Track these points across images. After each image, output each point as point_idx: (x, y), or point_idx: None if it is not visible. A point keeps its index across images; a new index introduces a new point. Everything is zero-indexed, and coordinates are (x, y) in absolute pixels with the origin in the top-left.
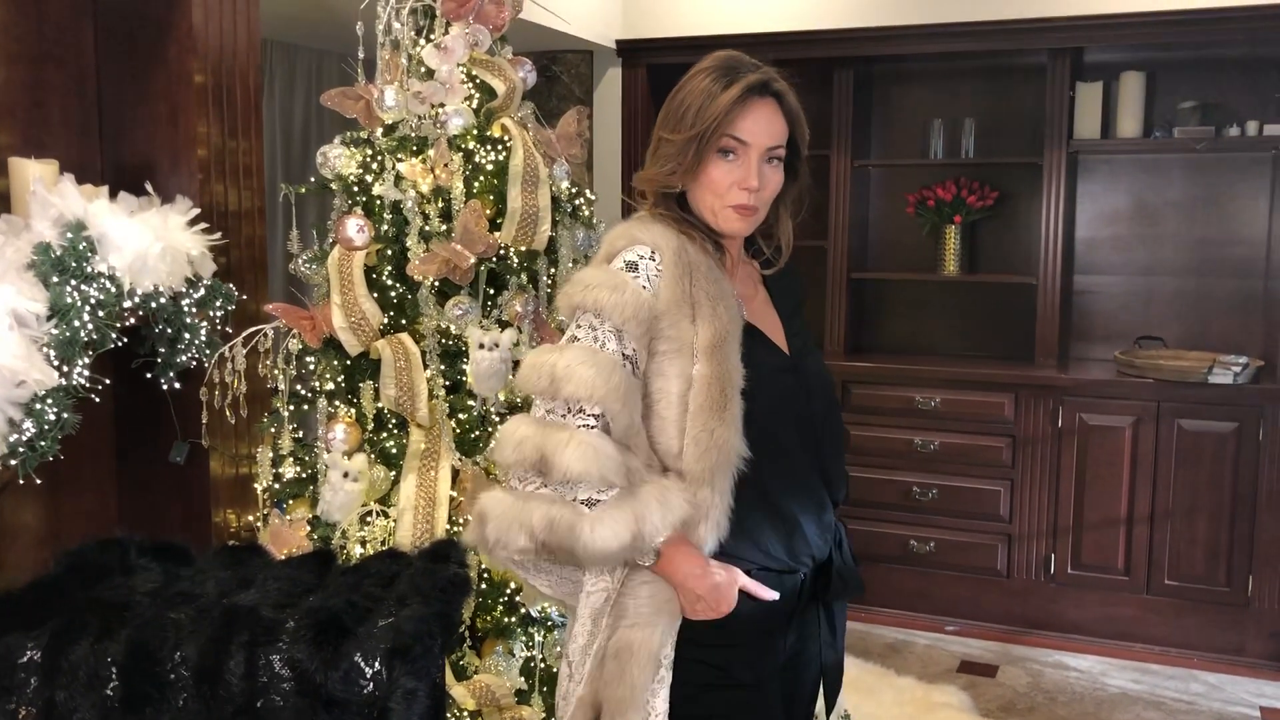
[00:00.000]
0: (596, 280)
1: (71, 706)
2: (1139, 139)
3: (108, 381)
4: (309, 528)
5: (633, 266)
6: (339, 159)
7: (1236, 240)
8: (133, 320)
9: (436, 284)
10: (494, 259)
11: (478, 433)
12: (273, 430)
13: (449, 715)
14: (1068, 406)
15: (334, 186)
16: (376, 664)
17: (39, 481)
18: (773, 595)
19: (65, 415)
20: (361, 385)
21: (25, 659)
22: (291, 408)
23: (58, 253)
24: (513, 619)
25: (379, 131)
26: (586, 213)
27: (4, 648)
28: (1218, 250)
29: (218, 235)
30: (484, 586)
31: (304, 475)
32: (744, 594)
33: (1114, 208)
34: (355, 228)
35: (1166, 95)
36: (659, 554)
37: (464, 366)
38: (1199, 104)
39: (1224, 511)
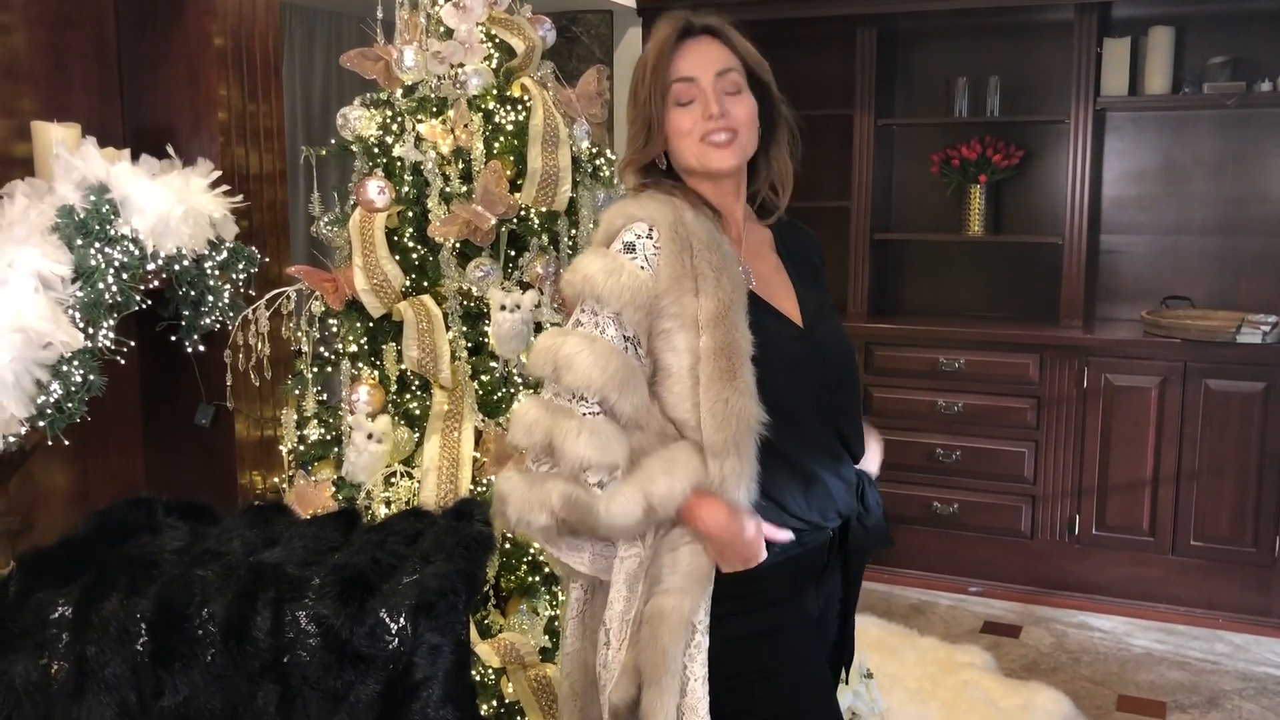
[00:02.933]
0: (594, 267)
1: (102, 661)
2: (1167, 95)
3: (132, 344)
4: (334, 489)
5: (630, 248)
6: (359, 121)
7: (1266, 198)
8: (156, 283)
9: (457, 245)
10: (515, 220)
11: (500, 394)
12: (296, 392)
13: (474, 673)
14: (1093, 367)
15: (354, 148)
16: (401, 620)
17: (67, 443)
18: (787, 535)
19: (92, 377)
20: (384, 347)
21: (56, 615)
22: (315, 370)
23: (81, 215)
24: (536, 578)
25: (398, 92)
26: (607, 173)
27: (36, 604)
28: (1247, 208)
29: (239, 198)
30: (508, 545)
31: (328, 437)
32: (772, 548)
33: (1141, 166)
34: (376, 189)
35: (1196, 50)
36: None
37: (486, 328)
38: (1229, 59)
39: (1251, 472)
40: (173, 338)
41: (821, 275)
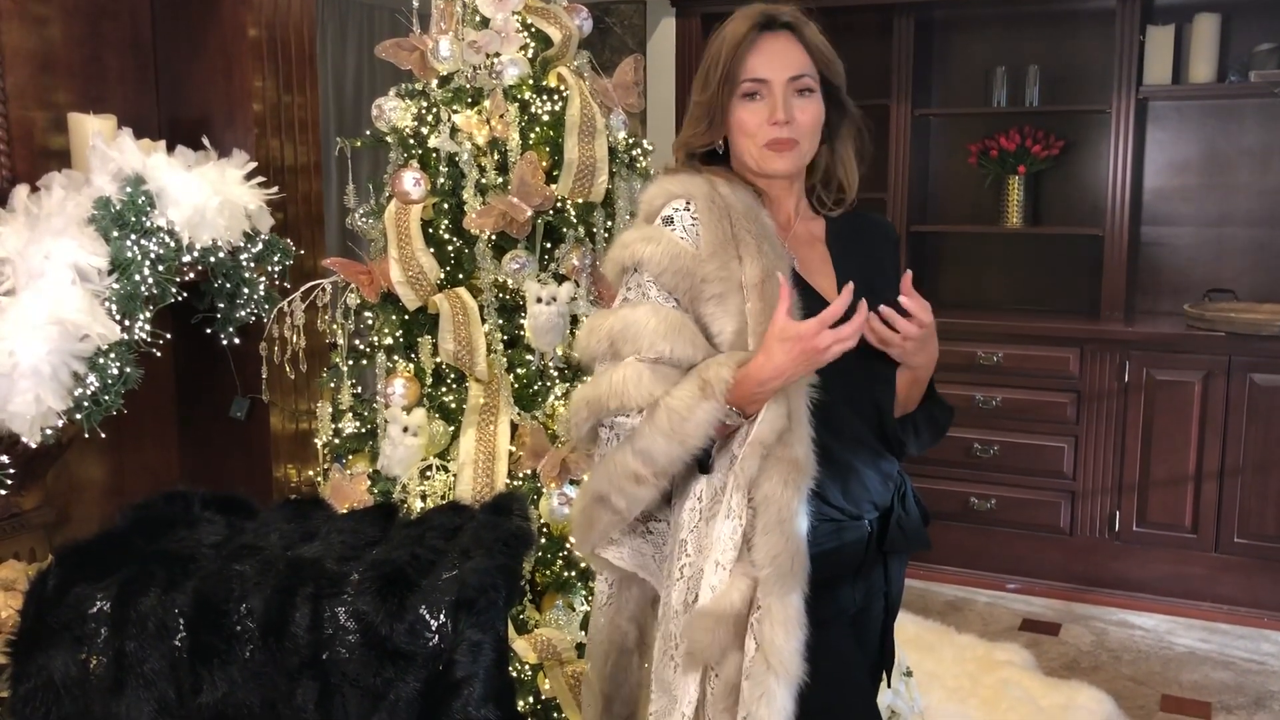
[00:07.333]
0: (634, 237)
1: (141, 657)
2: (1212, 84)
3: (168, 336)
4: (369, 482)
5: (669, 221)
6: (394, 111)
7: None
8: (192, 275)
9: (493, 237)
10: (551, 212)
11: (536, 387)
12: (332, 385)
13: (511, 669)
14: (1135, 361)
15: (389, 140)
16: (441, 616)
17: (103, 436)
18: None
19: (128, 370)
20: (420, 340)
21: (95, 609)
22: (350, 363)
23: (117, 207)
24: (572, 573)
25: (434, 83)
26: (643, 164)
27: (74, 598)
28: None
29: (274, 190)
30: (544, 541)
31: (363, 430)
32: (816, 540)
33: (1184, 156)
34: (411, 181)
35: (1242, 38)
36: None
37: (522, 321)
38: (1277, 46)
39: None
40: (208, 330)
41: (881, 268)
